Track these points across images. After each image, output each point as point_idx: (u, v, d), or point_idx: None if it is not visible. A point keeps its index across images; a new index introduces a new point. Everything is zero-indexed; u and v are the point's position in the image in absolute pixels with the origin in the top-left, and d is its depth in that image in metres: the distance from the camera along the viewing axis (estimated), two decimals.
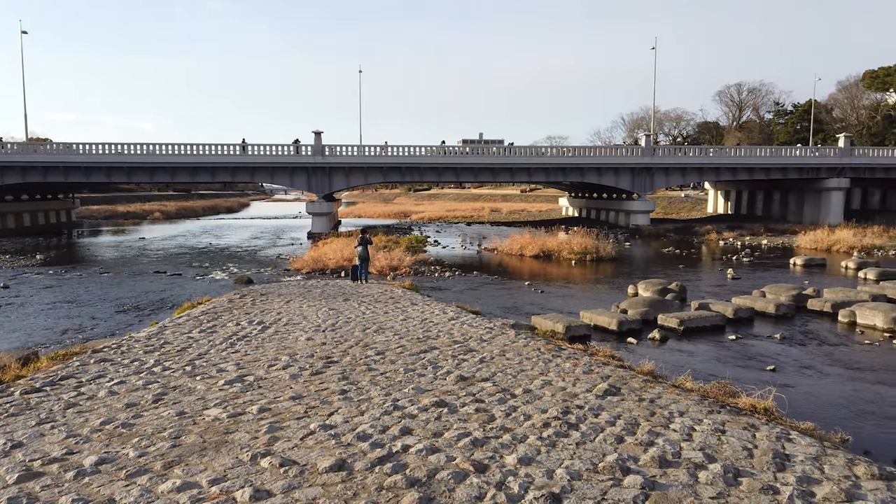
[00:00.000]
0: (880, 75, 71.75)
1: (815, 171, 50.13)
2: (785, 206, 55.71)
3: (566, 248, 30.64)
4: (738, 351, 13.21)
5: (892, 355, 12.76)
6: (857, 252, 32.11)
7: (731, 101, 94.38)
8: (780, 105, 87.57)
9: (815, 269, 27.03)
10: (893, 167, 50.67)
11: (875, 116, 74.57)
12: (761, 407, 7.78)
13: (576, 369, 9.30)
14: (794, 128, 79.69)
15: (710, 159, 50.50)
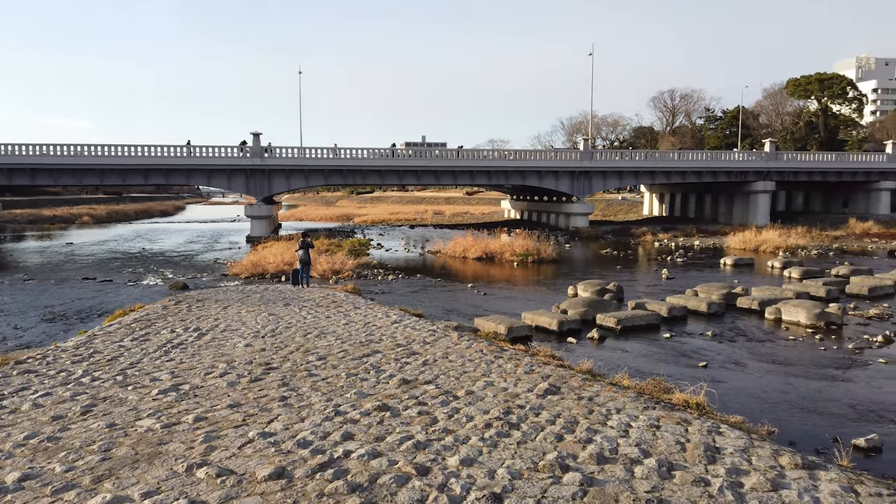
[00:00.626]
0: (802, 83, 75.61)
1: (743, 175, 52.38)
2: (716, 209, 58.01)
3: (508, 251, 31.01)
4: (672, 348, 13.65)
5: (814, 350, 13.44)
6: (782, 252, 33.71)
7: (664, 107, 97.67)
8: (711, 111, 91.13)
9: (743, 269, 28.22)
10: (815, 171, 53.46)
11: (798, 122, 78.52)
12: (694, 402, 8.07)
13: (517, 370, 9.41)
14: (724, 133, 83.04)
15: (646, 163, 52.10)
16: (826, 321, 15.48)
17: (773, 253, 33.92)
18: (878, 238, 42.06)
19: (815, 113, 77.15)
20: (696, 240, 42.05)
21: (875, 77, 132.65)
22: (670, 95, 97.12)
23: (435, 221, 68.09)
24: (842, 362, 12.41)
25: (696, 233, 45.78)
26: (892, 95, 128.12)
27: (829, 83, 74.83)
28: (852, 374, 11.61)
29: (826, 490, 5.34)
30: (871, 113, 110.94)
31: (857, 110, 78.98)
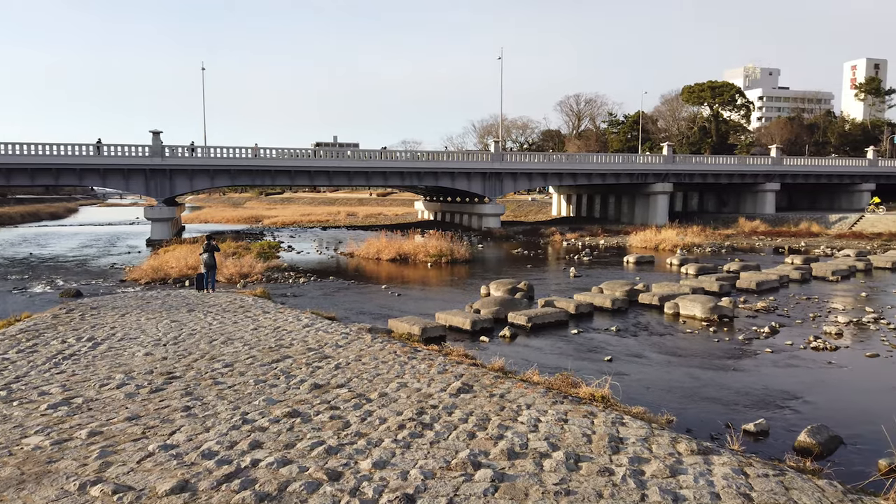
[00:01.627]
0: (696, 90, 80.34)
1: (643, 177, 54.97)
2: (619, 209, 60.60)
3: (422, 251, 31.10)
4: (580, 344, 14.13)
5: (708, 342, 14.28)
6: (679, 250, 35.60)
7: (570, 111, 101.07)
8: (613, 115, 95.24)
9: (645, 266, 29.62)
10: (709, 173, 56.84)
11: (693, 127, 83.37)
12: (599, 395, 8.38)
13: (431, 370, 9.45)
14: (626, 136, 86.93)
15: (554, 165, 53.69)
16: (719, 314, 16.49)
17: (671, 251, 35.78)
18: (764, 236, 45.29)
19: (708, 118, 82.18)
20: (602, 239, 43.75)
21: (761, 85, 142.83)
22: (576, 100, 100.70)
23: (348, 223, 67.37)
24: (733, 352, 13.26)
25: (602, 232, 47.63)
26: (776, 103, 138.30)
27: (719, 91, 79.90)
28: (742, 364, 12.43)
29: (719, 473, 5.68)
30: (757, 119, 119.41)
31: (745, 116, 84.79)
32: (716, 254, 35.14)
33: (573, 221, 59.14)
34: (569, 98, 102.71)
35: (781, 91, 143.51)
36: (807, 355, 12.96)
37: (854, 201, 61.08)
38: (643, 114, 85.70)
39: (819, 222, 48.43)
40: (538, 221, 62.00)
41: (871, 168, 61.61)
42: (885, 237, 41.90)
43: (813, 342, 13.75)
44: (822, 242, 40.85)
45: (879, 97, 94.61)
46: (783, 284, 22.64)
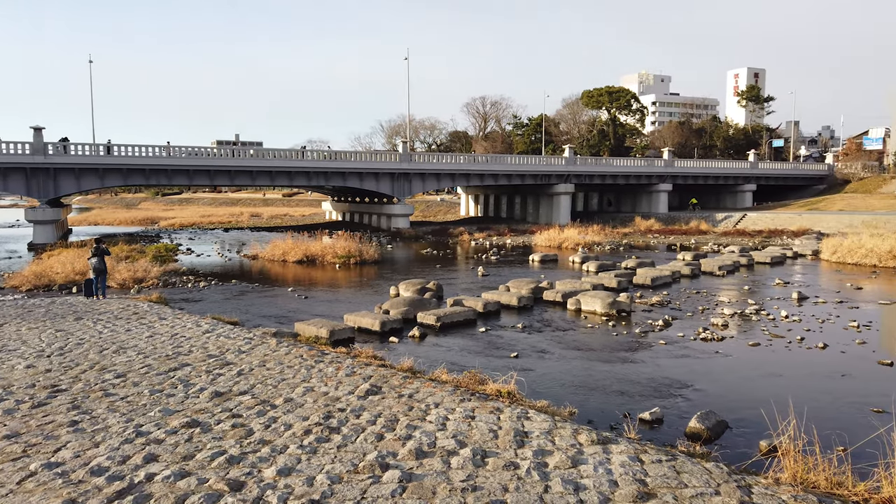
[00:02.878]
0: (595, 95, 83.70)
1: (547, 178, 56.71)
2: (525, 209, 62.22)
3: (330, 253, 30.63)
4: (487, 341, 14.37)
5: (608, 336, 14.91)
6: (581, 248, 36.99)
7: (477, 113, 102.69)
8: (518, 118, 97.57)
9: (549, 264, 30.55)
10: (607, 174, 59.40)
11: (592, 130, 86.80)
12: (505, 391, 8.55)
13: (338, 373, 9.31)
14: (531, 138, 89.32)
15: (462, 166, 54.37)
16: (618, 309, 17.26)
17: (573, 249, 37.11)
18: (658, 234, 47.84)
19: (607, 122, 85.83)
20: (509, 238, 44.74)
21: (654, 91, 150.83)
22: (482, 102, 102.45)
23: (252, 224, 65.35)
24: (630, 345, 13.91)
25: (509, 232, 48.70)
26: (668, 108, 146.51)
27: (616, 96, 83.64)
28: (639, 356, 13.06)
29: (617, 461, 5.94)
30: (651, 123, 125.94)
31: (640, 121, 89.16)
32: (615, 251, 36.76)
33: (481, 221, 60.15)
34: (475, 100, 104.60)
35: (673, 97, 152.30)
36: (697, 346, 13.80)
37: (738, 201, 65.72)
38: (546, 117, 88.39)
39: (707, 221, 51.70)
40: (447, 221, 62.60)
41: (753, 170, 66.50)
42: (765, 234, 45.31)
43: (702, 333, 14.65)
44: (710, 239, 43.64)
45: (759, 104, 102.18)
46: (675, 280, 23.99)
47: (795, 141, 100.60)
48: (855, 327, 15.34)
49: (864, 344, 13.75)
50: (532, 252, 34.51)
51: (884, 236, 30.95)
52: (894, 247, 27.80)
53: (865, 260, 27.93)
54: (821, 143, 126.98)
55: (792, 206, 60.62)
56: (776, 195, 68.27)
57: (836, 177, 70.97)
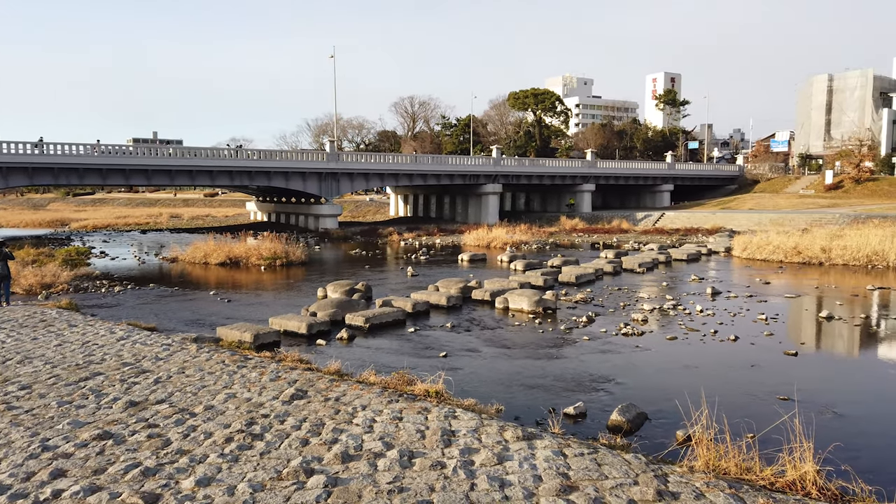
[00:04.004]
0: (521, 97, 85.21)
1: (475, 178, 57.28)
2: (454, 209, 62.64)
3: (255, 254, 29.85)
4: (417, 342, 14.36)
5: (535, 333, 15.18)
6: (509, 247, 37.57)
7: (405, 113, 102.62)
8: (446, 118, 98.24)
9: (478, 264, 30.85)
10: (534, 174, 60.57)
11: (519, 131, 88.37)
12: (433, 391, 8.57)
13: (262, 378, 9.08)
14: (459, 139, 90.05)
15: (390, 165, 54.17)
16: (544, 307, 17.61)
17: (501, 248, 37.62)
18: (583, 233, 49.19)
19: (533, 123, 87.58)
20: (438, 238, 44.91)
21: (578, 94, 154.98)
22: (410, 102, 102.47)
23: (172, 225, 62.91)
24: (556, 342, 14.22)
25: (438, 232, 48.89)
26: (591, 111, 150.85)
27: (541, 98, 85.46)
28: (564, 352, 13.38)
29: (541, 456, 6.05)
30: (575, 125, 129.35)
31: (565, 122, 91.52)
32: (541, 250, 37.52)
33: (411, 221, 60.12)
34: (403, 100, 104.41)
35: (595, 100, 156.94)
36: (618, 341, 14.25)
37: (657, 200, 68.40)
38: (474, 118, 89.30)
39: (628, 219, 53.56)
40: (376, 222, 62.23)
41: (670, 171, 69.37)
42: (682, 232, 47.35)
43: (623, 328, 15.15)
44: (631, 238, 45.23)
45: (675, 107, 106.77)
46: (599, 277, 24.72)
47: (709, 143, 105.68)
48: (763, 320, 16.24)
49: (771, 336, 14.57)
50: (461, 251, 34.75)
51: (789, 233, 32.95)
52: (798, 243, 29.61)
53: (773, 256, 29.63)
54: (732, 145, 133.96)
55: (706, 205, 63.62)
56: (692, 195, 71.48)
57: (747, 177, 75.01)
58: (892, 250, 26.71)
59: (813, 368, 12.45)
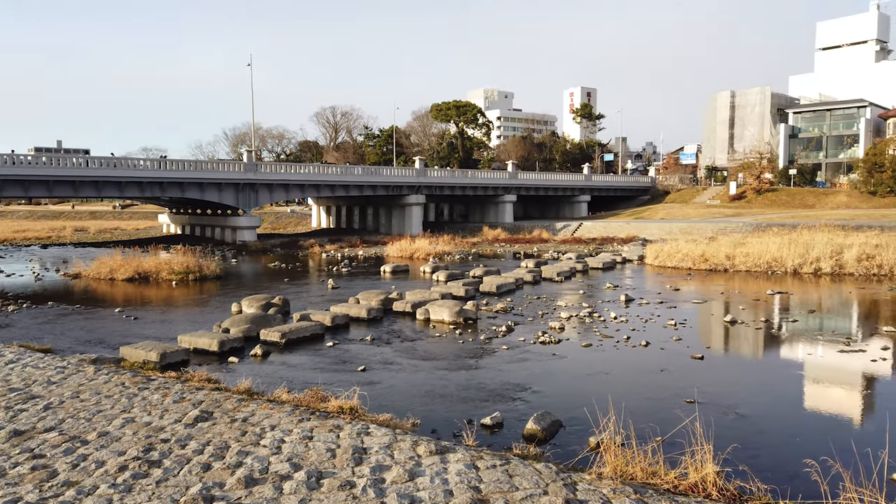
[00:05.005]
0: (443, 108, 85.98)
1: (398, 189, 57.20)
2: (377, 220, 62.29)
3: (166, 269, 28.54)
4: (335, 356, 14.06)
5: (455, 344, 15.18)
6: (432, 258, 37.64)
7: (327, 123, 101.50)
8: (369, 129, 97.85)
9: (401, 275, 30.71)
10: (456, 185, 61.10)
11: (442, 143, 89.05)
12: (347, 407, 8.36)
13: (165, 400, 8.60)
14: (382, 150, 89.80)
15: (312, 176, 53.27)
16: (464, 317, 17.67)
17: (424, 259, 37.65)
18: (505, 243, 49.95)
19: (455, 135, 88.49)
20: (361, 250, 44.47)
21: (499, 106, 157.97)
22: (332, 112, 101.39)
23: (76, 239, 59.42)
24: (476, 352, 14.27)
25: (361, 243, 48.43)
26: (512, 123, 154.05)
27: (464, 110, 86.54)
28: (483, 362, 13.43)
29: (453, 470, 5.98)
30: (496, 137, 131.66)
31: (487, 134, 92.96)
32: (464, 261, 37.79)
33: (333, 233, 59.31)
34: (325, 110, 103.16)
35: (516, 112, 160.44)
36: (536, 349, 14.45)
37: (575, 210, 70.42)
38: (397, 128, 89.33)
39: (548, 230, 54.84)
40: (297, 233, 60.99)
41: (587, 182, 71.63)
42: (599, 241, 48.89)
43: (541, 337, 15.38)
44: (551, 247, 46.29)
45: (592, 121, 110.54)
46: (519, 286, 25.09)
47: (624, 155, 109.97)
48: (673, 325, 16.90)
49: (679, 340, 15.17)
50: (384, 263, 34.51)
51: (697, 242, 34.59)
52: (705, 251, 31.13)
53: (682, 263, 31.00)
54: (645, 157, 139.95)
55: (621, 215, 66.04)
56: (608, 205, 74.04)
57: (658, 188, 78.44)
58: (789, 257, 28.49)
59: (718, 371, 13.02)
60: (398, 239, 46.80)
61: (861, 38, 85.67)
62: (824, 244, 29.32)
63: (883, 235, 33.82)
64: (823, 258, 27.91)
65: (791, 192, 65.48)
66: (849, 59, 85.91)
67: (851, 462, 6.05)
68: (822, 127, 72.19)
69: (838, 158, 70.83)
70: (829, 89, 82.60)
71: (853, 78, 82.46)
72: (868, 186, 59.27)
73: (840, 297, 22.54)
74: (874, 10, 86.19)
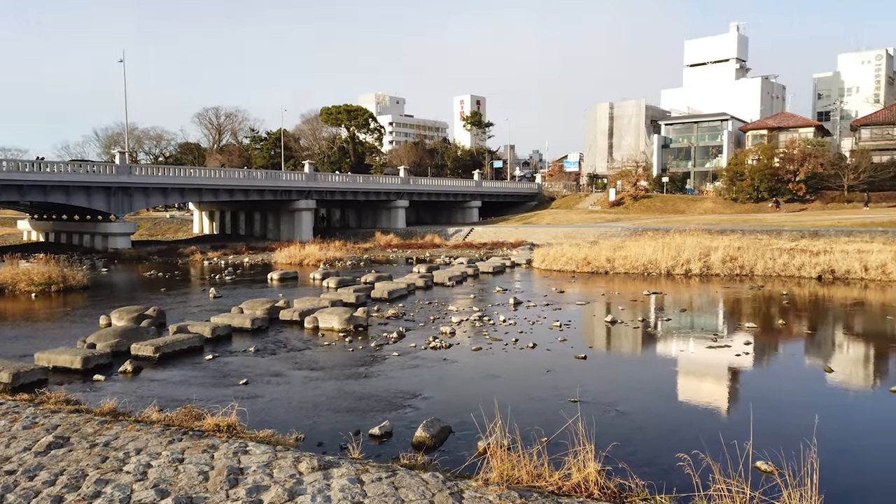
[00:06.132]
0: (333, 112, 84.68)
1: (287, 194, 55.58)
2: (265, 225, 60.22)
3: (24, 280, 25.97)
4: (215, 370, 13.28)
5: (345, 353, 14.80)
6: (322, 264, 36.80)
7: (210, 125, 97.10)
8: (256, 132, 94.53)
9: (289, 282, 29.74)
10: (348, 190, 60.29)
11: (333, 147, 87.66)
12: (224, 424, 7.85)
13: (13, 426, 7.70)
14: (270, 153, 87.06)
15: (193, 180, 50.59)
16: (355, 324, 17.31)
17: (315, 265, 36.74)
18: (397, 248, 49.80)
19: (346, 140, 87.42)
20: (246, 257, 42.76)
21: (390, 112, 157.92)
22: (215, 113, 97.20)
23: None
24: (366, 360, 13.97)
25: (247, 250, 46.58)
26: (404, 129, 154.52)
27: (354, 114, 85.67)
28: (373, 370, 13.16)
29: (337, 486, 5.71)
30: (389, 142, 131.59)
31: (378, 139, 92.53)
32: (356, 267, 37.25)
33: (217, 239, 56.67)
34: (208, 111, 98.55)
35: (407, 118, 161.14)
36: (427, 354, 14.37)
37: (467, 216, 71.55)
38: (286, 132, 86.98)
39: (440, 235, 55.30)
40: (178, 240, 57.69)
41: (478, 188, 73.04)
42: (489, 246, 49.88)
43: (432, 342, 15.33)
44: (443, 252, 46.67)
45: (481, 128, 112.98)
46: (411, 292, 25.00)
47: (512, 162, 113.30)
48: (558, 327, 17.41)
49: (564, 341, 15.62)
50: (272, 270, 33.33)
51: (580, 245, 36.08)
52: (588, 255, 32.49)
53: (567, 266, 32.18)
54: (532, 164, 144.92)
55: (511, 220, 67.84)
56: (498, 211, 75.85)
57: (545, 195, 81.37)
58: (663, 259, 30.30)
59: (600, 370, 13.50)
60: (287, 245, 45.39)
61: (723, 57, 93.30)
62: (693, 247, 31.46)
63: (744, 239, 36.86)
64: (693, 260, 29.92)
65: (664, 198, 69.98)
66: (713, 76, 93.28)
67: (720, 454, 6.37)
68: (691, 138, 77.80)
69: (705, 168, 76.56)
70: (696, 103, 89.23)
71: (717, 93, 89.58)
72: (731, 193, 64.43)
73: (708, 296, 24.22)
74: (734, 31, 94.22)
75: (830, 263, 27.72)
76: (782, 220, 49.41)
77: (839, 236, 38.36)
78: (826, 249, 31.48)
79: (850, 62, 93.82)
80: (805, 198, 61.02)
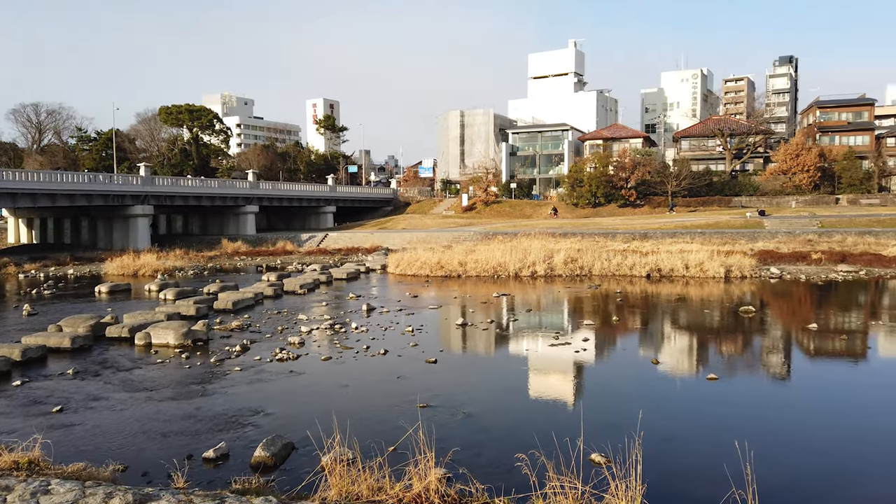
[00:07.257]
0: (174, 112, 79.32)
1: (120, 199, 51.08)
2: (94, 234, 54.98)
3: None
4: (23, 397, 11.71)
5: (180, 370, 13.70)
6: (160, 274, 34.17)
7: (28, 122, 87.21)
8: (84, 131, 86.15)
9: (121, 295, 27.24)
10: (191, 195, 56.60)
11: (174, 149, 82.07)
12: (25, 461, 6.87)
13: None
14: (101, 155, 79.75)
15: (6, 183, 44.91)
16: (193, 339, 16.14)
17: (152, 276, 34.04)
18: (246, 256, 47.55)
19: (189, 141, 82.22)
20: (71, 268, 38.73)
21: (238, 114, 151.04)
22: (34, 110, 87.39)
23: None
24: (204, 377, 13.02)
25: (72, 261, 42.22)
26: (253, 131, 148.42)
27: (198, 114, 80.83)
28: (212, 387, 12.28)
29: None
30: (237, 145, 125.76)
31: (225, 142, 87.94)
32: (199, 276, 35.01)
33: (36, 249, 50.85)
34: (25, 107, 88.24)
35: (257, 120, 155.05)
36: (272, 367, 13.69)
37: (321, 221, 70.05)
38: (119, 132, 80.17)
39: (293, 241, 53.61)
40: None
41: (333, 193, 71.79)
42: (344, 251, 49.14)
43: (279, 354, 14.65)
44: (296, 259, 45.26)
45: (335, 133, 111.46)
46: (259, 301, 23.87)
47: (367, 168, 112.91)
48: (410, 331, 17.39)
49: (416, 346, 15.61)
50: (101, 282, 30.36)
51: (434, 250, 36.54)
52: (441, 259, 32.98)
53: (421, 271, 32.44)
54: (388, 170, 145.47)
55: (366, 225, 67.42)
56: (354, 216, 75.08)
57: (400, 200, 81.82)
58: (511, 262, 31.48)
59: (450, 373, 13.61)
60: (120, 255, 41.61)
61: (563, 70, 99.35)
62: (539, 250, 33.02)
63: (584, 241, 39.36)
64: (538, 262, 31.38)
65: (513, 203, 73.10)
66: (554, 88, 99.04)
67: (555, 451, 6.55)
68: (535, 146, 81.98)
69: (549, 174, 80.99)
70: (540, 113, 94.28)
71: (558, 104, 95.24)
72: (572, 199, 68.68)
73: (552, 295, 25.47)
74: (572, 46, 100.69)
75: (657, 263, 30.28)
76: (616, 223, 53.45)
77: (664, 238, 42.17)
78: (654, 250, 34.44)
79: (671, 80, 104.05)
80: (636, 203, 66.47)
